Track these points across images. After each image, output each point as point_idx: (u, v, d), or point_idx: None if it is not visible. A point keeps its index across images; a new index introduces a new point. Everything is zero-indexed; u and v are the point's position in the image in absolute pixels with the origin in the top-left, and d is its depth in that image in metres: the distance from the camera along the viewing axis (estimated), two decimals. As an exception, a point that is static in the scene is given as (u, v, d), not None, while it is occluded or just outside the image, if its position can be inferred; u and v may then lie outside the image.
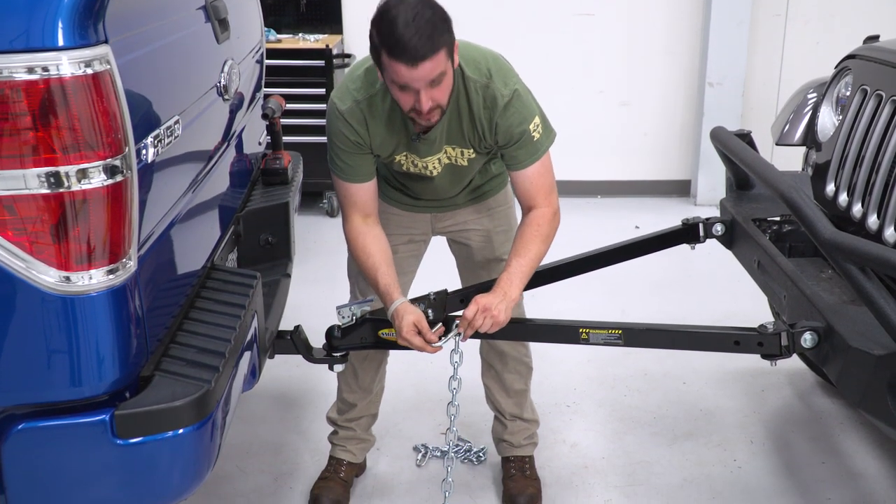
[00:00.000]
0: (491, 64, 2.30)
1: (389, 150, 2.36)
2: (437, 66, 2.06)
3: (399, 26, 1.99)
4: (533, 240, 2.36)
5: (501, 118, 2.28)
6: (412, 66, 2.03)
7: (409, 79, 2.06)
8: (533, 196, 2.38)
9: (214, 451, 1.73)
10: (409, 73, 2.04)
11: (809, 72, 3.55)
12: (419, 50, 2.00)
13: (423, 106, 2.11)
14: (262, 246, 2.63)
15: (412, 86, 2.08)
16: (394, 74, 2.07)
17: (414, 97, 2.11)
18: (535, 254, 2.36)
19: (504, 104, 2.27)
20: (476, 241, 2.66)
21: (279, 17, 5.53)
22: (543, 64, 5.45)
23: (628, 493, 2.83)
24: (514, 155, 2.35)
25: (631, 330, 2.37)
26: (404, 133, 2.32)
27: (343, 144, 2.33)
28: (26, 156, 1.40)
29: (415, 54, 2.01)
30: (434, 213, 2.63)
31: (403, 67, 2.03)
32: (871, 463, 2.97)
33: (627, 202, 5.75)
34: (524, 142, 2.32)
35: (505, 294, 2.30)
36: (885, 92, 2.54)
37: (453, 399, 2.42)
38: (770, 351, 2.26)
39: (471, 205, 2.63)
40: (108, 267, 1.50)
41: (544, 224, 2.38)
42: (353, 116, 2.29)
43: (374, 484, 2.88)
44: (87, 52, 1.41)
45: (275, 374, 3.36)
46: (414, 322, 2.28)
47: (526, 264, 2.34)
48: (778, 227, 2.86)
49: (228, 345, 1.81)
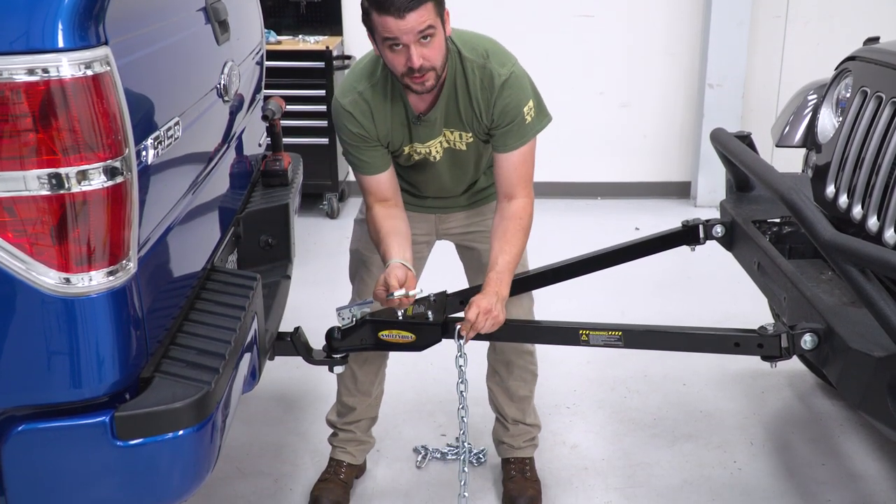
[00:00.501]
0: (488, 46, 2.34)
1: (397, 141, 2.38)
2: (424, 17, 2.09)
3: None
4: (516, 233, 2.38)
5: (498, 98, 2.31)
6: (399, 17, 2.07)
7: (397, 31, 2.09)
8: (514, 183, 2.39)
9: (214, 453, 1.73)
10: (396, 26, 2.08)
11: (809, 73, 3.55)
12: (406, 3, 2.05)
13: (415, 62, 2.13)
14: (262, 247, 2.63)
15: (401, 39, 2.11)
16: (383, 30, 2.11)
17: (405, 55, 2.13)
18: (519, 248, 2.39)
19: (501, 83, 2.30)
20: (481, 243, 2.66)
21: (279, 18, 5.53)
22: (543, 65, 5.40)
23: (628, 494, 2.83)
24: (503, 136, 2.36)
25: (631, 331, 2.37)
26: (405, 118, 2.35)
27: (350, 139, 2.36)
28: (26, 157, 1.40)
29: (401, 5, 2.05)
30: (438, 214, 2.64)
31: (391, 20, 2.07)
32: (871, 465, 2.97)
33: (627, 203, 5.75)
34: (517, 124, 2.34)
35: (497, 294, 2.32)
36: (885, 94, 2.54)
37: (462, 403, 2.40)
38: (770, 352, 2.25)
39: (474, 207, 2.65)
40: (108, 268, 1.50)
41: (525, 217, 2.40)
42: (356, 107, 2.32)
43: (373, 486, 2.88)
44: (88, 54, 1.41)
45: (275, 376, 3.36)
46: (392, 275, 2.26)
47: (512, 260, 2.36)
48: (778, 229, 2.85)
49: (228, 346, 1.81)
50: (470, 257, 2.72)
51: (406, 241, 2.39)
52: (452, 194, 2.58)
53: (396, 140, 2.40)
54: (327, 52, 5.13)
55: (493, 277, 2.34)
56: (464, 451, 2.45)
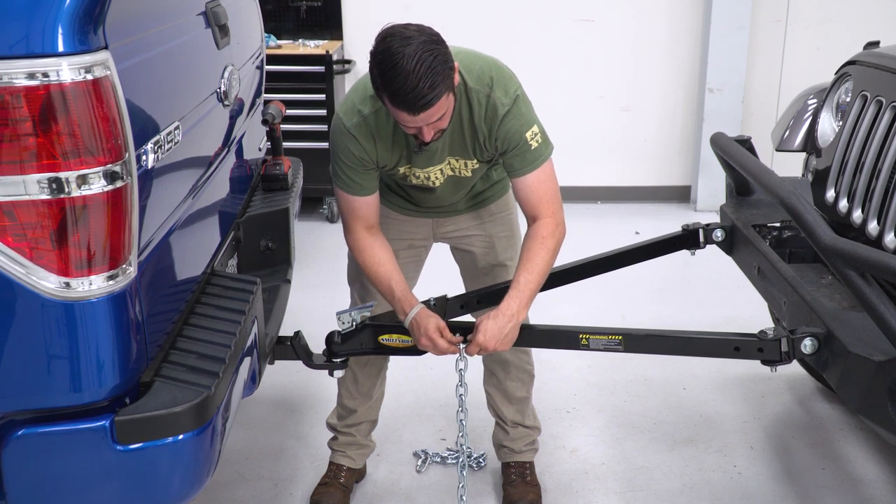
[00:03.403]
0: (494, 72, 2.30)
1: (393, 161, 2.37)
2: (438, 110, 2.09)
3: (400, 77, 1.99)
4: (539, 252, 2.33)
5: (501, 126, 2.29)
6: (414, 114, 2.06)
7: (411, 122, 2.10)
8: (535, 205, 2.36)
9: (214, 457, 1.73)
10: (411, 119, 2.08)
11: (809, 77, 3.55)
12: (420, 101, 2.02)
13: (426, 138, 2.16)
14: (262, 251, 2.63)
15: (414, 127, 2.13)
16: (395, 115, 2.12)
17: (416, 130, 2.15)
18: (543, 268, 2.34)
19: (504, 112, 2.28)
20: (479, 247, 2.66)
21: (279, 22, 5.53)
22: (544, 69, 5.45)
23: (628, 498, 2.83)
24: (511, 162, 2.34)
25: (631, 336, 2.37)
26: (405, 145, 2.33)
27: (349, 161, 2.33)
28: (26, 161, 1.40)
29: (416, 105, 2.03)
30: (435, 219, 2.63)
31: (405, 115, 2.07)
32: (870, 469, 2.96)
33: (627, 208, 5.75)
34: (522, 149, 2.32)
35: (514, 316, 2.30)
36: (885, 98, 2.54)
37: (461, 406, 2.41)
38: (770, 357, 2.25)
39: (472, 210, 2.63)
40: (108, 273, 1.50)
41: (548, 236, 2.35)
42: (360, 131, 2.29)
43: (373, 490, 2.88)
44: (87, 58, 1.41)
45: (275, 380, 3.36)
46: (437, 325, 2.32)
47: (534, 280, 2.32)
48: (778, 233, 2.86)
49: (228, 350, 1.81)
50: (466, 260, 2.72)
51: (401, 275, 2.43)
52: (450, 203, 2.58)
53: (392, 162, 2.37)
54: (327, 57, 5.13)
55: (514, 296, 2.31)
56: (463, 455, 2.45)
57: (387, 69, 2.01)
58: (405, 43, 2.01)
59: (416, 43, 2.01)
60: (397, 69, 1.99)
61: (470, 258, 2.70)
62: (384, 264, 2.40)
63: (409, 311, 2.35)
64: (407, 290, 2.39)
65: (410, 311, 2.34)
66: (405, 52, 1.99)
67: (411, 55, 1.99)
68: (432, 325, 2.32)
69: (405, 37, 2.02)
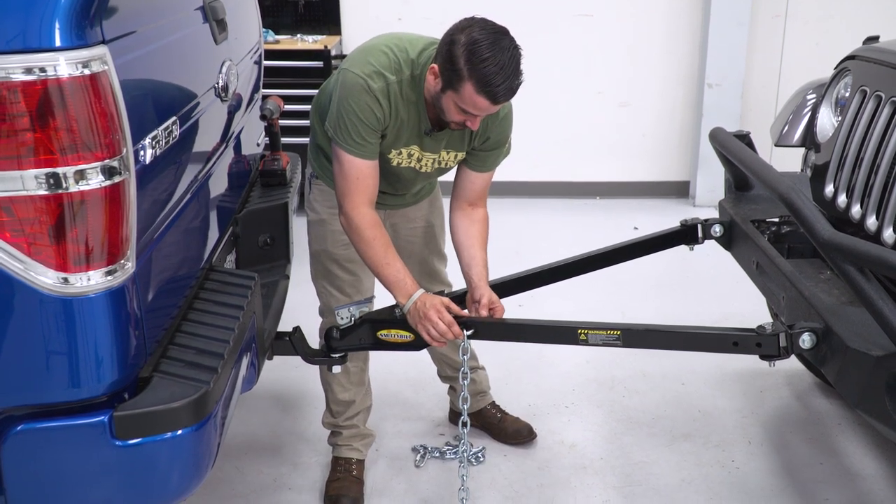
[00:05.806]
0: None
1: (402, 139, 2.39)
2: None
3: (494, 67, 2.09)
4: (485, 235, 2.59)
5: (498, 125, 2.43)
6: (495, 103, 2.15)
7: (485, 110, 2.17)
8: (479, 196, 2.58)
9: (213, 452, 1.73)
10: (487, 108, 2.17)
11: (809, 73, 3.55)
12: (507, 95, 2.14)
13: (474, 127, 2.25)
14: (260, 247, 2.63)
15: (478, 114, 2.19)
16: (469, 104, 2.16)
17: (468, 118, 2.21)
18: (485, 247, 2.59)
19: (504, 114, 2.42)
20: (420, 236, 2.78)
21: (277, 17, 5.53)
22: (543, 64, 5.43)
23: (626, 493, 2.83)
24: (484, 158, 2.50)
25: (630, 331, 2.37)
26: (418, 126, 2.37)
27: (368, 120, 2.29)
28: (24, 157, 1.40)
29: (503, 96, 2.13)
30: (388, 210, 2.68)
31: (486, 103, 2.14)
32: (868, 463, 2.97)
33: (626, 203, 5.75)
34: (499, 150, 2.51)
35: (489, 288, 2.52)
36: (884, 93, 2.54)
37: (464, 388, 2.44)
38: (768, 352, 2.25)
39: (419, 202, 2.75)
40: (106, 268, 1.50)
41: (487, 222, 2.61)
42: (384, 95, 2.29)
43: (372, 484, 2.88)
44: (85, 53, 1.41)
45: (273, 376, 3.35)
46: (443, 301, 2.37)
47: (485, 257, 2.56)
48: (777, 229, 2.85)
49: (227, 346, 1.81)
50: (408, 249, 2.77)
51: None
52: (412, 193, 2.68)
53: (398, 139, 2.38)
54: (325, 52, 5.12)
55: (484, 274, 2.52)
56: (463, 449, 2.46)
57: (482, 58, 2.08)
58: (499, 36, 2.12)
59: (508, 37, 2.13)
60: (493, 59, 2.08)
61: (411, 247, 2.77)
62: (391, 246, 2.42)
63: (412, 293, 2.36)
64: (409, 273, 2.42)
65: (414, 294, 2.36)
66: (501, 45, 2.09)
67: (505, 48, 2.10)
68: (438, 301, 2.36)
69: (496, 30, 2.13)
